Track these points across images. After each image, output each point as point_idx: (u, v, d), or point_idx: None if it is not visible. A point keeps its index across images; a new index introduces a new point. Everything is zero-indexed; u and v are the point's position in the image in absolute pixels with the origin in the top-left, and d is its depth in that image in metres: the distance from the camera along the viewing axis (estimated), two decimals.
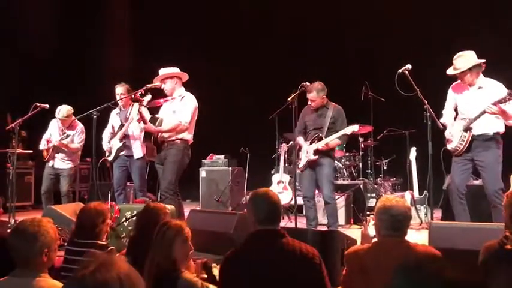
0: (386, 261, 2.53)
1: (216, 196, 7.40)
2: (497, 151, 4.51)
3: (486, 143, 4.52)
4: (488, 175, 4.50)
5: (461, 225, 3.82)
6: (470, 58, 4.55)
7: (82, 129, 6.60)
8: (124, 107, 6.00)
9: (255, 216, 2.68)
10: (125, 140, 5.87)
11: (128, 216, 4.39)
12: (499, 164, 4.50)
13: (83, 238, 3.16)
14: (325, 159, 5.30)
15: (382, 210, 2.66)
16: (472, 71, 4.53)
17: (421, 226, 5.82)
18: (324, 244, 3.21)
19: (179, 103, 5.29)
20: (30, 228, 2.18)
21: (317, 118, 5.42)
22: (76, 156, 6.70)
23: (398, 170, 7.79)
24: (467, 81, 4.60)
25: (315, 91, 5.30)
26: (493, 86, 4.53)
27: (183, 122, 5.18)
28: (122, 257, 1.35)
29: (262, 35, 9.20)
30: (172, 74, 5.35)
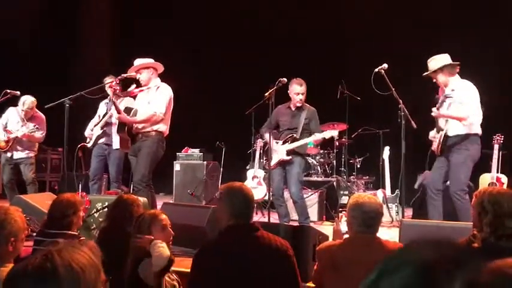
0: (358, 257, 2.57)
1: (190, 190, 7.36)
2: (467, 152, 4.56)
3: (457, 144, 4.60)
4: (452, 175, 4.61)
5: (431, 223, 3.90)
6: (441, 60, 4.70)
7: (43, 120, 6.49)
8: None
9: (230, 210, 2.67)
10: (106, 128, 5.83)
11: (99, 208, 4.32)
12: (464, 165, 4.56)
13: (53, 229, 3.11)
14: (296, 158, 5.36)
15: (355, 207, 2.70)
16: (444, 72, 4.66)
17: (392, 224, 5.91)
18: (295, 239, 3.22)
19: (154, 93, 5.20)
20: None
21: (292, 118, 5.46)
22: (34, 145, 6.57)
23: (372, 168, 7.89)
24: (441, 82, 4.72)
25: (304, 85, 5.36)
26: (461, 89, 4.59)
27: (158, 113, 5.08)
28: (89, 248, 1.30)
29: (240, 30, 9.16)
30: (148, 65, 5.27)
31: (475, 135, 4.59)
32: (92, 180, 6.12)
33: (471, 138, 4.58)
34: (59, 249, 1.22)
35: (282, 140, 5.45)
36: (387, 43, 7.98)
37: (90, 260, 1.24)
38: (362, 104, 7.42)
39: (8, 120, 6.45)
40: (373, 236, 2.68)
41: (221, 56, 9.15)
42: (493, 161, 5.66)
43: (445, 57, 4.73)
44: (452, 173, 4.60)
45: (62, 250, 1.22)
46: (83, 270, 1.20)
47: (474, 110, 4.54)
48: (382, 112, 6.46)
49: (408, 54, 5.18)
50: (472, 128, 4.56)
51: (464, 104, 4.54)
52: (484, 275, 0.68)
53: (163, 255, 2.67)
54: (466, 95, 4.56)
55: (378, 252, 2.59)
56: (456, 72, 4.71)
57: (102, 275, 1.27)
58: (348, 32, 8.62)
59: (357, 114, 7.71)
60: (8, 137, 6.33)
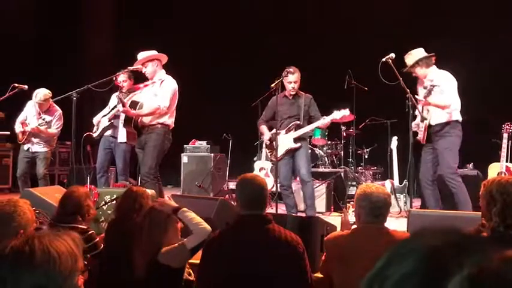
0: (366, 247, 2.56)
1: (198, 182, 7.38)
2: (451, 138, 4.77)
3: (440, 131, 4.80)
4: (440, 161, 4.81)
5: (439, 213, 3.89)
6: (416, 54, 4.94)
7: (60, 114, 6.46)
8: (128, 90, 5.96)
9: (239, 200, 2.69)
10: (113, 120, 5.85)
11: (107, 200, 4.35)
12: (450, 151, 4.77)
13: (63, 222, 3.14)
14: (302, 143, 5.43)
15: (363, 197, 2.69)
16: (420, 65, 4.89)
17: (400, 214, 5.89)
18: (303, 230, 3.22)
19: (159, 87, 5.22)
20: (6, 208, 2.14)
21: (290, 106, 5.45)
22: (52, 140, 6.58)
23: (379, 159, 7.86)
24: (419, 74, 4.95)
25: (297, 73, 5.36)
26: (439, 79, 4.79)
27: (162, 106, 5.09)
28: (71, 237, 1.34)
29: (247, 20, 9.11)
30: (153, 57, 5.27)
31: (456, 121, 4.81)
32: (99, 173, 6.16)
33: (452, 125, 4.79)
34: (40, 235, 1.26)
35: (283, 128, 5.42)
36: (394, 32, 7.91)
37: (68, 247, 1.28)
38: (369, 94, 7.38)
39: (28, 114, 6.49)
40: (381, 226, 2.67)
41: (228, 47, 9.12)
42: (502, 151, 5.61)
43: (419, 51, 4.96)
44: (441, 159, 4.81)
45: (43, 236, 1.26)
46: (59, 256, 1.24)
47: (454, 98, 4.77)
48: (389, 102, 6.40)
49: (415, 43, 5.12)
50: (453, 114, 4.77)
51: (445, 93, 4.75)
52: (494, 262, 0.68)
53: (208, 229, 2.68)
54: (445, 84, 4.76)
55: (386, 242, 2.58)
56: (433, 63, 4.92)
57: (79, 264, 1.31)
58: (355, 21, 8.54)
59: (364, 104, 7.66)
60: (24, 130, 6.38)
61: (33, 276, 1.21)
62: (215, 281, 2.56)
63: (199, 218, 2.75)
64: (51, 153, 6.65)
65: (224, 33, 9.20)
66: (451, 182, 4.70)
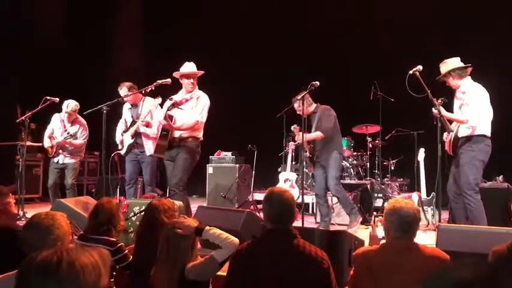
0: (395, 263, 2.55)
1: (223, 193, 7.42)
2: (472, 153, 4.68)
3: (463, 145, 4.74)
4: (460, 176, 4.74)
5: (469, 228, 3.81)
6: (451, 63, 4.87)
7: (85, 125, 6.69)
8: (135, 105, 6.09)
9: (267, 215, 2.70)
10: (136, 137, 5.96)
11: (136, 211, 4.42)
12: (471, 165, 4.67)
13: (95, 234, 3.20)
14: (329, 157, 5.65)
15: (392, 212, 2.67)
16: (453, 75, 4.82)
17: (428, 227, 5.80)
18: (331, 244, 3.21)
19: (195, 103, 5.39)
20: (45, 221, 2.21)
21: (312, 122, 5.76)
22: (80, 151, 6.78)
23: (406, 170, 7.77)
24: (452, 84, 4.89)
25: (296, 102, 5.60)
26: (470, 91, 4.75)
27: (200, 122, 5.33)
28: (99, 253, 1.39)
29: (272, 33, 9.17)
30: (199, 73, 5.48)
31: (481, 136, 4.70)
32: (128, 184, 6.26)
33: (475, 139, 4.69)
34: (68, 248, 1.30)
35: None
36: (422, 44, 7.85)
37: (94, 262, 1.31)
38: (395, 105, 7.33)
39: (54, 127, 6.68)
40: (411, 241, 2.65)
41: (253, 59, 9.18)
42: None
43: (455, 60, 4.88)
44: (460, 174, 4.74)
45: (71, 249, 1.31)
46: (83, 270, 1.27)
47: (477, 113, 4.67)
48: (416, 113, 6.34)
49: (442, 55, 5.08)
50: (476, 129, 4.68)
51: (468, 107, 4.71)
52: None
53: (236, 241, 2.71)
54: (473, 98, 4.71)
55: (416, 258, 2.56)
56: (467, 75, 4.84)
57: (103, 280, 1.33)
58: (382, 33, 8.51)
59: (391, 115, 7.61)
60: (51, 144, 6.56)
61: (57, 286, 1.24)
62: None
63: (224, 232, 2.77)
64: (79, 163, 6.81)
65: (251, 44, 9.27)
66: (467, 198, 4.62)
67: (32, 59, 8.51)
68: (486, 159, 4.73)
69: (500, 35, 7.46)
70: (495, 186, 5.87)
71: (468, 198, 4.62)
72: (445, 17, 8.01)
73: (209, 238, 2.74)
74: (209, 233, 2.75)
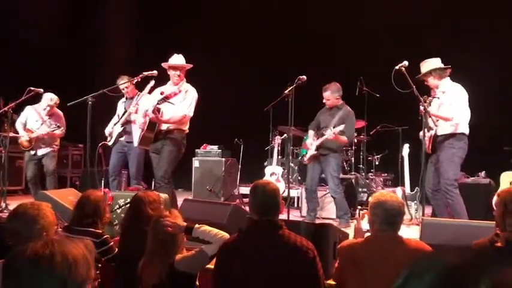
0: (380, 255, 2.58)
1: (209, 186, 7.41)
2: (453, 150, 4.82)
3: (444, 142, 4.86)
4: (441, 172, 4.85)
5: (452, 222, 3.88)
6: (432, 63, 4.99)
7: (63, 117, 6.66)
8: (130, 98, 6.05)
9: (252, 206, 2.72)
10: (126, 125, 5.92)
11: (121, 204, 4.40)
12: (451, 162, 4.81)
13: (80, 225, 3.19)
14: (330, 154, 5.67)
15: (377, 205, 2.71)
16: (434, 75, 4.95)
17: (411, 222, 5.87)
18: (316, 237, 3.24)
19: (183, 96, 5.37)
20: (31, 211, 2.20)
21: (328, 117, 5.78)
22: (56, 140, 6.70)
23: (390, 165, 7.84)
24: (431, 84, 5.01)
25: (329, 91, 5.72)
26: (451, 91, 4.87)
27: (188, 115, 5.32)
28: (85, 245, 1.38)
29: (259, 28, 9.15)
30: (187, 66, 5.45)
31: (461, 134, 4.83)
32: (111, 176, 6.21)
33: (457, 137, 4.83)
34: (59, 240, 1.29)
35: (316, 136, 5.80)
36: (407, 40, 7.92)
37: (83, 255, 1.31)
38: (381, 101, 7.38)
39: (28, 119, 6.58)
40: (395, 234, 2.68)
41: (240, 53, 9.16)
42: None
43: (436, 61, 5.00)
44: (441, 170, 4.85)
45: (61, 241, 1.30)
46: (76, 263, 1.27)
47: (460, 111, 4.80)
48: (400, 109, 6.41)
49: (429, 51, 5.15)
50: (458, 127, 4.80)
51: (451, 105, 4.82)
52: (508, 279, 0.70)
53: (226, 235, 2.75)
54: (454, 97, 4.82)
55: (400, 251, 2.60)
56: (447, 75, 4.96)
57: (92, 272, 1.34)
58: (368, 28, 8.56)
59: (376, 111, 7.67)
60: (29, 137, 6.46)
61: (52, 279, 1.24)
62: (228, 285, 2.59)
63: (214, 229, 2.78)
64: (57, 151, 6.76)
65: (237, 38, 9.26)
66: (449, 193, 4.76)
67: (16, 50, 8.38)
68: (464, 157, 4.88)
69: None
70: (477, 182, 5.99)
71: (449, 194, 4.75)
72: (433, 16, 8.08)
73: (200, 236, 2.76)
74: (199, 231, 2.76)
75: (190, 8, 9.67)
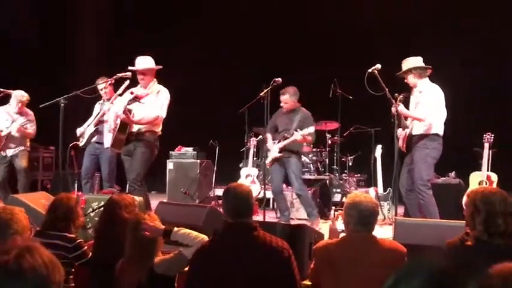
0: (355, 256, 2.62)
1: (183, 188, 7.37)
2: (427, 151, 4.83)
3: (418, 143, 4.88)
4: (414, 172, 4.87)
5: (424, 222, 3.97)
6: (413, 61, 4.98)
7: (33, 116, 6.47)
8: (108, 99, 5.96)
9: (225, 209, 2.73)
10: (98, 125, 5.83)
11: (95, 207, 4.33)
12: (424, 162, 4.83)
13: (53, 230, 3.13)
14: (292, 156, 5.68)
15: (351, 206, 2.75)
16: (414, 73, 4.93)
17: (384, 222, 5.97)
18: (292, 237, 3.26)
19: (155, 97, 5.27)
20: (3, 215, 2.15)
21: (287, 120, 5.75)
22: (25, 140, 6.52)
23: (363, 166, 7.95)
24: (410, 82, 5.00)
25: (288, 95, 5.67)
26: (427, 91, 4.88)
27: (160, 117, 5.21)
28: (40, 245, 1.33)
29: (234, 30, 9.16)
30: (154, 68, 5.32)
31: (435, 135, 4.85)
32: (84, 179, 6.11)
33: (430, 137, 4.84)
34: (28, 249, 1.24)
35: (277, 139, 5.76)
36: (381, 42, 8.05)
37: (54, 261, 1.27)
38: (354, 103, 7.49)
39: None
40: (369, 234, 2.73)
41: (214, 55, 9.15)
42: (483, 160, 5.74)
43: (417, 59, 4.99)
44: (415, 170, 4.87)
45: (31, 251, 1.23)
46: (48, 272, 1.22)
47: (434, 112, 4.82)
48: (373, 111, 6.51)
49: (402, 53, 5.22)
50: (432, 128, 4.82)
51: (425, 106, 4.84)
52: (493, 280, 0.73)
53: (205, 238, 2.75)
54: (430, 97, 4.85)
55: (374, 251, 2.65)
56: (426, 75, 4.96)
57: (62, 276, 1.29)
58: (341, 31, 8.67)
59: (349, 113, 7.77)
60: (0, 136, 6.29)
61: None
62: None
63: (193, 231, 2.78)
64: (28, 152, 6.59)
65: (212, 39, 9.24)
66: (421, 193, 4.79)
67: None
68: (438, 157, 4.91)
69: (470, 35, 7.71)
70: (448, 182, 6.13)
71: (421, 194, 4.79)
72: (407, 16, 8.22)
73: (178, 239, 2.75)
74: (178, 234, 2.76)
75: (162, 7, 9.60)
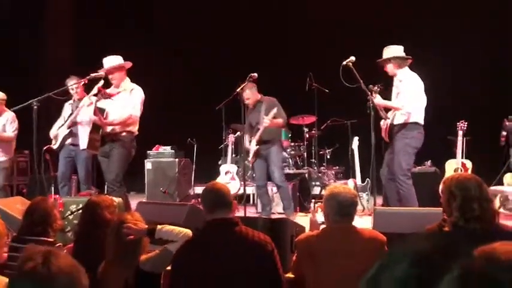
0: (336, 246, 2.65)
1: (163, 188, 7.31)
2: (406, 140, 4.81)
3: (398, 132, 4.87)
4: (394, 161, 4.86)
5: (402, 210, 4.03)
6: (393, 50, 4.95)
7: (13, 117, 6.12)
8: (79, 99, 5.84)
9: (205, 207, 2.74)
10: (72, 127, 5.71)
11: (73, 210, 4.27)
12: (404, 152, 4.81)
13: (31, 235, 3.07)
14: (271, 147, 5.68)
15: (330, 197, 2.77)
16: (393, 63, 4.91)
17: (364, 213, 6.04)
18: (274, 231, 3.27)
19: (128, 96, 5.20)
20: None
21: (256, 114, 5.73)
22: (10, 147, 6.24)
23: (341, 159, 8.03)
24: (388, 71, 4.98)
25: (248, 90, 5.63)
26: (406, 80, 4.87)
27: (133, 115, 5.13)
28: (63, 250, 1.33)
29: (208, 25, 9.12)
30: (122, 65, 5.23)
31: (414, 123, 4.83)
32: (60, 183, 5.99)
33: (409, 127, 4.82)
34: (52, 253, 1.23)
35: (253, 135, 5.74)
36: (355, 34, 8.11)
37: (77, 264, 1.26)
38: (330, 96, 7.54)
39: None
40: (349, 225, 2.76)
41: (189, 52, 9.09)
42: (458, 147, 5.86)
43: (398, 49, 4.97)
44: (394, 160, 4.87)
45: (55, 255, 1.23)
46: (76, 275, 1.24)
47: (412, 101, 4.79)
48: (348, 103, 6.57)
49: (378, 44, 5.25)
50: (411, 117, 4.81)
51: (403, 95, 4.85)
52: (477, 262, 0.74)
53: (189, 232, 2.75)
54: (409, 85, 4.85)
55: (355, 241, 2.68)
56: (406, 65, 4.94)
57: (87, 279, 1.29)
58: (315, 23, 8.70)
59: (326, 106, 7.82)
60: None
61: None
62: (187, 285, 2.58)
63: (176, 227, 2.78)
64: (10, 161, 6.35)
65: (185, 36, 9.18)
66: (400, 183, 4.78)
67: None
68: (419, 146, 4.90)
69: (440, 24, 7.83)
70: (424, 171, 6.23)
71: (400, 184, 4.78)
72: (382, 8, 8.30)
73: (162, 236, 2.74)
74: (162, 231, 2.75)
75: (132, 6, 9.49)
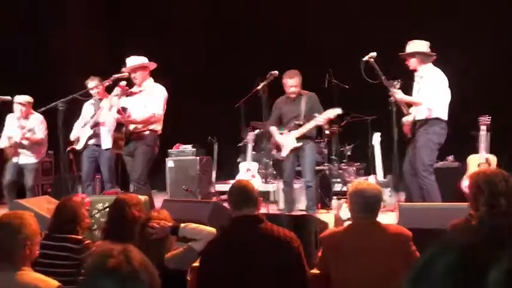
0: (361, 242, 2.67)
1: (185, 186, 7.38)
2: (428, 136, 4.77)
3: (420, 128, 4.83)
4: (416, 157, 4.81)
5: (427, 205, 4.01)
6: (417, 45, 4.88)
7: (42, 119, 6.29)
8: (100, 99, 5.94)
9: (230, 203, 2.78)
10: (95, 128, 5.81)
11: (100, 208, 4.35)
12: (426, 148, 4.77)
13: (60, 232, 3.15)
14: (307, 145, 5.43)
15: (355, 194, 2.79)
16: (417, 58, 4.84)
17: (386, 208, 6.01)
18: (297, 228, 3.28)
19: (150, 95, 5.27)
20: (14, 220, 2.17)
21: (293, 107, 5.48)
22: (41, 148, 6.40)
23: (362, 155, 7.98)
24: (411, 65, 4.91)
25: (296, 77, 5.39)
26: (429, 77, 4.82)
27: (157, 114, 5.19)
28: None
29: (230, 24, 9.15)
30: (144, 65, 5.30)
31: (437, 119, 4.78)
32: (85, 183, 6.11)
33: (430, 122, 4.78)
34: (129, 249, 1.27)
35: (288, 129, 5.49)
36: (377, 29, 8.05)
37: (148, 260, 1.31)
38: (350, 92, 7.50)
39: (9, 127, 6.30)
40: (373, 220, 2.77)
41: (210, 49, 9.13)
42: (480, 142, 5.78)
43: (422, 44, 4.90)
44: (416, 156, 4.83)
45: (132, 251, 1.27)
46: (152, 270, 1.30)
47: (434, 96, 4.74)
48: (370, 99, 6.53)
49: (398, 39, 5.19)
50: (433, 112, 4.76)
51: (424, 91, 4.81)
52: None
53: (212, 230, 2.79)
54: (430, 81, 4.80)
55: (380, 236, 2.69)
56: (429, 61, 4.88)
57: None
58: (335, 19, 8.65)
59: (346, 102, 7.77)
60: (10, 144, 6.16)
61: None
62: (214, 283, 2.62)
63: (199, 225, 2.82)
64: (40, 163, 6.49)
65: (207, 35, 9.22)
66: (422, 179, 4.74)
67: None
68: (442, 142, 4.85)
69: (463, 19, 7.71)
70: (447, 166, 6.17)
71: (423, 179, 4.73)
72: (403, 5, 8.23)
73: (186, 235, 2.78)
74: (186, 229, 2.79)
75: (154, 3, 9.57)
